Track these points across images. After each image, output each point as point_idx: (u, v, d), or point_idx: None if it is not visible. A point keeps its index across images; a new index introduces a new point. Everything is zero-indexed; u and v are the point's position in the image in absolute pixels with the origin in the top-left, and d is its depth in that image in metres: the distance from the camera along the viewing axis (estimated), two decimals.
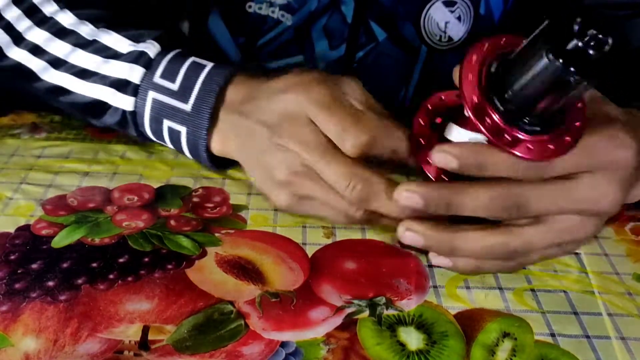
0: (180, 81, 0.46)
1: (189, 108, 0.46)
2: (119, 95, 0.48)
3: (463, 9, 0.65)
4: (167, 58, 0.47)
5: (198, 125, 0.46)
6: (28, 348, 0.36)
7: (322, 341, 0.38)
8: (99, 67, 0.48)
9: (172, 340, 0.37)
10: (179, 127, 0.47)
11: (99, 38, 0.49)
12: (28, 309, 0.39)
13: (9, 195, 0.49)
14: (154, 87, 0.47)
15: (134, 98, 0.47)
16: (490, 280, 0.43)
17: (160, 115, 0.47)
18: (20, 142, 0.56)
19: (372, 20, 0.66)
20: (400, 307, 0.40)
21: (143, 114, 0.48)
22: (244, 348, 0.37)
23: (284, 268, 0.43)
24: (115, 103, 0.48)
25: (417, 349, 0.38)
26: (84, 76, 0.49)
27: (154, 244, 0.45)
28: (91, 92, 0.49)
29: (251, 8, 0.65)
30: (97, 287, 0.41)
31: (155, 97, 0.47)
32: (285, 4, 0.65)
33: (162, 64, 0.47)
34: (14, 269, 0.42)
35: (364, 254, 0.45)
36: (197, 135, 0.46)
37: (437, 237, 0.39)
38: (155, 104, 0.47)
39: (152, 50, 0.48)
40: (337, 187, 0.41)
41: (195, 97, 0.46)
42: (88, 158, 0.54)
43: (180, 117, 0.46)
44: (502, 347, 0.38)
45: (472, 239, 0.39)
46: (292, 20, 0.65)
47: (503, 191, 0.37)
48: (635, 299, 0.42)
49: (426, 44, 0.67)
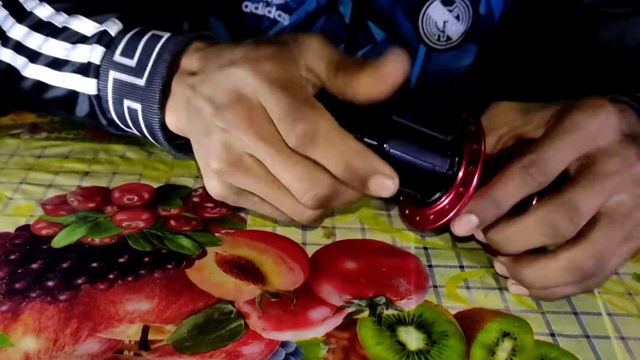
0: (138, 56, 0.42)
1: (142, 82, 0.42)
2: (84, 80, 0.45)
3: (462, 8, 0.65)
4: (128, 35, 0.44)
5: (150, 100, 0.42)
6: (28, 348, 0.36)
7: (322, 341, 0.38)
8: (68, 54, 0.46)
9: (172, 340, 0.37)
10: (135, 105, 0.43)
11: (69, 24, 0.46)
12: (28, 309, 0.39)
13: (9, 195, 0.49)
14: (114, 66, 0.43)
15: (96, 80, 0.44)
16: (490, 281, 0.43)
17: (120, 96, 0.43)
18: (20, 142, 0.56)
19: (370, 21, 0.66)
20: (400, 307, 0.40)
21: (107, 97, 0.44)
22: (244, 348, 0.37)
23: (284, 268, 0.43)
24: (82, 89, 0.45)
25: (417, 349, 0.38)
26: (56, 66, 0.46)
27: (154, 244, 0.45)
28: (64, 82, 0.46)
29: (247, 8, 0.65)
30: (97, 287, 0.41)
31: (115, 77, 0.43)
32: (282, 3, 0.64)
33: (123, 41, 0.43)
34: (14, 268, 0.42)
35: (364, 254, 0.45)
36: (150, 110, 0.42)
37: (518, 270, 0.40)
38: (115, 83, 0.43)
39: (113, 29, 0.44)
40: (293, 190, 0.36)
41: (149, 70, 0.42)
42: (88, 158, 0.54)
43: (136, 94, 0.42)
44: (502, 347, 0.38)
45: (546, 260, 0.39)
46: (289, 21, 0.65)
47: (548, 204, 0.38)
48: (635, 299, 0.42)
49: (424, 43, 0.67)
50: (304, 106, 0.35)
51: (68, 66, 0.46)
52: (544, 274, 0.39)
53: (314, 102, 0.36)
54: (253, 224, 0.48)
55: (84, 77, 0.45)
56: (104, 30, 0.44)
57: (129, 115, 0.44)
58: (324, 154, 0.35)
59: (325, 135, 0.35)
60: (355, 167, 0.35)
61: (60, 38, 0.46)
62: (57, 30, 0.47)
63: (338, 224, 0.48)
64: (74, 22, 0.46)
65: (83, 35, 0.45)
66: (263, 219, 0.48)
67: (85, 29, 0.46)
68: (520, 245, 0.39)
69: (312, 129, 0.35)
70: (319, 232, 0.47)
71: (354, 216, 0.49)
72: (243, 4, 0.65)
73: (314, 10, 0.64)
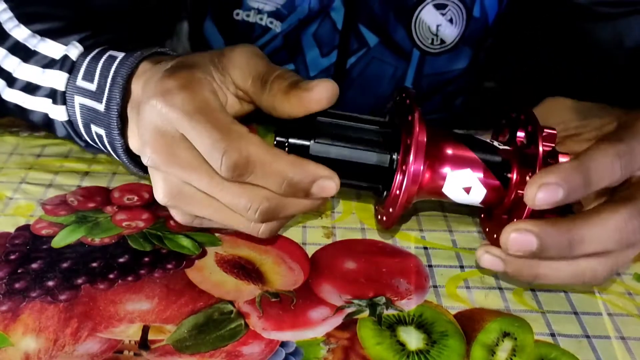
0: (97, 80, 0.42)
1: (102, 108, 0.41)
2: (54, 107, 0.45)
3: (455, 11, 0.65)
4: (88, 57, 0.43)
5: (110, 126, 0.41)
6: (28, 348, 0.36)
7: (322, 341, 0.38)
8: (39, 79, 0.45)
9: (172, 340, 0.37)
10: (100, 131, 0.42)
11: (38, 48, 0.46)
12: (28, 309, 0.39)
13: (9, 195, 0.49)
14: (77, 90, 0.43)
15: (64, 106, 0.44)
16: (491, 280, 0.43)
17: (87, 121, 0.43)
18: (19, 139, 0.56)
19: (363, 26, 0.65)
20: (400, 307, 0.40)
21: (77, 121, 0.44)
22: (244, 348, 0.37)
23: (284, 268, 0.43)
24: (54, 115, 0.45)
25: (417, 349, 0.38)
26: (30, 90, 0.46)
27: (154, 244, 0.45)
28: (39, 106, 0.46)
29: (239, 16, 0.65)
30: (97, 286, 0.41)
31: (80, 102, 0.43)
32: (273, 11, 0.64)
33: (84, 65, 0.43)
34: (14, 268, 0.42)
35: (364, 254, 0.45)
36: (112, 137, 0.42)
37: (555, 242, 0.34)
38: (82, 108, 0.43)
39: (73, 53, 0.44)
40: (236, 210, 0.36)
41: (106, 96, 0.41)
42: (88, 157, 0.54)
43: (99, 120, 0.42)
44: (502, 347, 0.38)
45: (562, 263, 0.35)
46: (281, 27, 0.65)
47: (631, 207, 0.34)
48: (635, 299, 0.42)
49: (418, 47, 0.66)
50: (227, 135, 0.34)
51: (40, 91, 0.45)
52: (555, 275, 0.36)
53: (238, 127, 0.34)
54: None
55: (53, 104, 0.45)
56: (65, 55, 0.44)
57: (98, 140, 0.43)
58: (260, 178, 0.35)
59: (256, 161, 0.34)
60: (293, 181, 0.35)
61: (32, 62, 0.46)
62: (29, 54, 0.46)
63: (338, 224, 0.48)
64: (42, 46, 0.46)
65: (52, 59, 0.45)
66: None
67: (53, 52, 0.45)
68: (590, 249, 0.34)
69: (242, 159, 0.34)
70: (319, 232, 0.47)
71: (354, 216, 0.49)
72: (234, 12, 0.65)
73: (306, 17, 0.64)
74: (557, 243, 0.33)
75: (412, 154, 0.36)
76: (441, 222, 0.49)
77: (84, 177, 0.51)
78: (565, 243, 0.33)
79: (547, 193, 0.33)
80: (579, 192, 0.34)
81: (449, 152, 0.38)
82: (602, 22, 0.62)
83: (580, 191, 0.34)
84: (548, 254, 0.34)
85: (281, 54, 0.66)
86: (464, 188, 0.38)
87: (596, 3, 0.62)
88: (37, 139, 0.56)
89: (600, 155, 0.34)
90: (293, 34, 0.65)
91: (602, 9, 0.62)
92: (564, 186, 0.33)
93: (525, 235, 0.33)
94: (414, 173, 0.36)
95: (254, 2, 0.64)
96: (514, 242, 0.34)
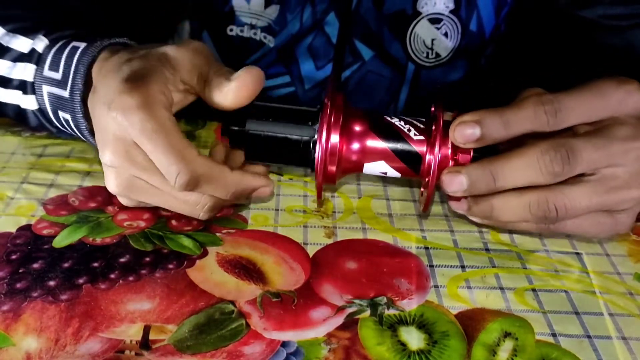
0: (62, 69, 0.46)
1: (67, 94, 0.45)
2: (24, 97, 0.48)
3: (450, 25, 0.65)
4: (54, 49, 0.47)
5: (75, 110, 0.45)
6: (29, 347, 0.36)
7: (323, 341, 0.38)
8: (10, 72, 0.48)
9: (174, 340, 0.37)
10: (67, 115, 0.46)
11: (10, 44, 0.49)
12: (29, 309, 0.39)
13: (10, 194, 0.49)
14: (45, 80, 0.47)
15: (34, 96, 0.48)
16: (492, 281, 0.43)
17: (55, 107, 0.47)
18: (21, 139, 0.56)
19: (358, 40, 0.65)
20: (401, 307, 0.40)
21: (47, 109, 0.48)
22: (245, 348, 0.37)
23: (285, 268, 0.43)
24: (25, 105, 0.49)
25: (418, 349, 0.38)
26: (3, 84, 0.49)
27: (155, 244, 0.45)
28: (11, 98, 0.49)
29: (232, 31, 0.65)
30: (98, 286, 0.41)
31: (48, 90, 0.46)
32: (265, 26, 0.64)
33: (50, 55, 0.46)
34: (15, 268, 0.42)
35: (365, 254, 0.45)
36: (77, 120, 0.45)
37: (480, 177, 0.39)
38: (50, 97, 0.47)
39: (39, 45, 0.47)
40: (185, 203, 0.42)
41: (70, 83, 0.45)
42: (89, 157, 0.54)
43: (65, 105, 0.46)
44: (503, 347, 0.38)
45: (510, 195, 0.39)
46: (275, 42, 0.65)
47: (551, 142, 0.38)
48: (636, 299, 0.42)
49: (413, 61, 0.66)
50: (181, 158, 0.38)
51: (12, 83, 0.49)
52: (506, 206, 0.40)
53: (188, 146, 0.39)
54: (254, 223, 0.48)
55: (23, 95, 0.48)
56: (32, 48, 0.48)
57: (66, 124, 0.47)
58: (209, 191, 0.41)
59: (204, 178, 0.40)
60: (237, 192, 0.42)
61: (6, 57, 0.49)
62: (3, 50, 0.49)
63: (339, 223, 0.48)
64: (13, 42, 0.49)
65: (21, 52, 0.48)
66: (264, 219, 0.48)
67: (22, 46, 0.48)
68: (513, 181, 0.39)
69: (192, 177, 0.39)
70: (320, 232, 0.47)
71: (355, 216, 0.49)
72: (228, 28, 0.65)
73: (298, 32, 0.64)
74: (483, 176, 0.39)
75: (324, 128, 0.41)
76: (442, 222, 0.49)
77: (86, 177, 0.51)
78: (489, 176, 0.39)
79: (465, 129, 0.38)
80: (498, 132, 0.38)
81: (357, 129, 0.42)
82: (610, 33, 0.62)
83: (500, 131, 0.38)
84: (478, 189, 0.39)
85: (276, 67, 0.67)
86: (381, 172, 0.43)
87: (604, 16, 0.62)
88: (39, 139, 0.56)
89: (521, 101, 0.39)
90: (287, 48, 0.65)
91: (609, 22, 0.62)
92: (481, 123, 0.38)
93: (456, 175, 0.39)
94: (331, 146, 0.41)
95: (247, 18, 0.64)
96: (449, 183, 0.39)
